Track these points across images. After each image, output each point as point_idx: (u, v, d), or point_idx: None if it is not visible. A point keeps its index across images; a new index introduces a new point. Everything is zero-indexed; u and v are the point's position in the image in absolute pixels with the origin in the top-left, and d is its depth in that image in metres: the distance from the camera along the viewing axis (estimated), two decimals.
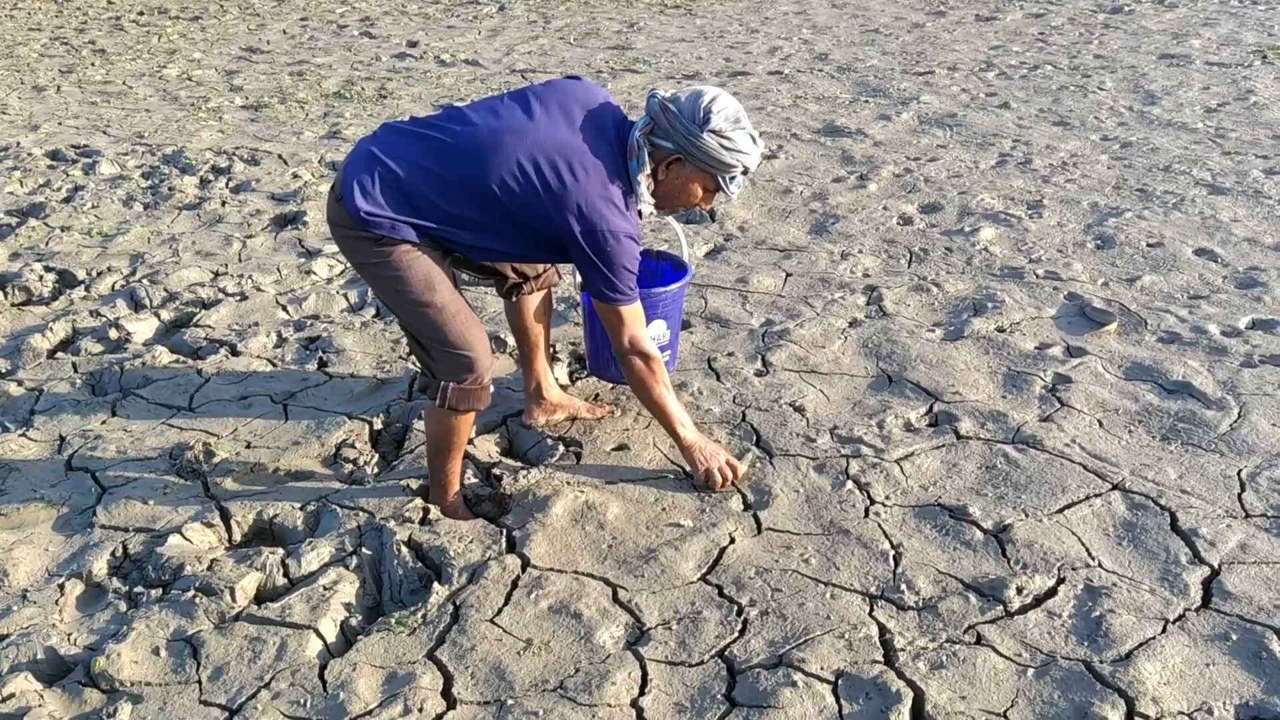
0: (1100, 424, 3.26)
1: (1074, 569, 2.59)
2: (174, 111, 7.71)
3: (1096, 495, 2.89)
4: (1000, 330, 3.93)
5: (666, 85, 8.41)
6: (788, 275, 4.53)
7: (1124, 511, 2.83)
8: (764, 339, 3.91)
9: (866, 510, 2.86)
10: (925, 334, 3.92)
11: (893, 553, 2.68)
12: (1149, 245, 4.72)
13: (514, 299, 3.11)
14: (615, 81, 8.54)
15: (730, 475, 2.91)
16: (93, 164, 6.24)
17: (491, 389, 2.78)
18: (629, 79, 8.66)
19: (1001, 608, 2.47)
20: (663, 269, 3.52)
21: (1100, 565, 2.61)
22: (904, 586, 2.54)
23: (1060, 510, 2.83)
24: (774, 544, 2.73)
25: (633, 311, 2.70)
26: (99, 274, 4.57)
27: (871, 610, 2.47)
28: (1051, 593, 2.52)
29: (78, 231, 5.16)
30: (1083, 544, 2.69)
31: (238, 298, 4.34)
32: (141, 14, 12.44)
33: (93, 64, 9.49)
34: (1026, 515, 2.81)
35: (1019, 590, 2.51)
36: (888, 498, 2.91)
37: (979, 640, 2.37)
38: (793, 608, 2.48)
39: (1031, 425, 3.24)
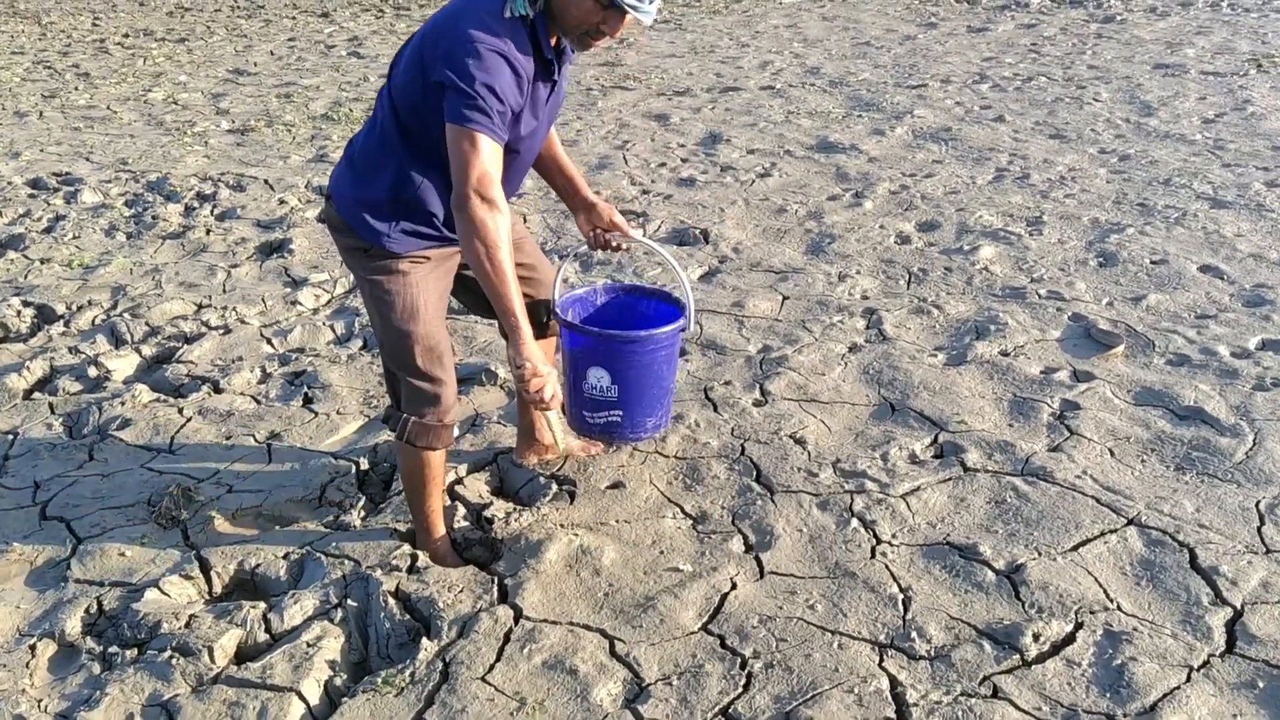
0: (1111, 453, 3.16)
1: (1092, 612, 2.48)
2: (159, 136, 7.60)
3: (1111, 531, 2.79)
4: (1004, 354, 3.82)
5: (657, 101, 8.32)
6: (784, 298, 4.43)
7: (1141, 548, 2.72)
8: (762, 366, 3.81)
9: (873, 550, 2.75)
10: (927, 359, 3.81)
11: (902, 597, 2.56)
12: (1153, 262, 4.63)
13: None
14: (606, 99, 8.45)
15: (547, 402, 2.43)
16: (75, 192, 6.13)
17: (455, 430, 2.68)
18: (619, 96, 8.58)
19: (1018, 656, 2.35)
20: (658, 310, 2.97)
21: (1119, 608, 2.50)
22: (915, 634, 2.43)
23: (1074, 548, 2.72)
24: (777, 589, 2.61)
25: (489, 146, 2.22)
26: (79, 308, 4.46)
27: (881, 661, 2.36)
28: (1070, 639, 2.40)
29: (58, 263, 5.05)
30: (1099, 584, 2.58)
31: (221, 331, 4.22)
32: (127, 36, 12.35)
33: (76, 88, 9.39)
34: (1039, 553, 2.70)
35: (1036, 637, 2.40)
36: (894, 536, 2.80)
37: (995, 693, 2.25)
38: (799, 659, 2.37)
39: (1041, 456, 3.14)
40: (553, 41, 2.35)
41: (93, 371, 3.86)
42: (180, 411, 3.57)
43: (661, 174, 6.36)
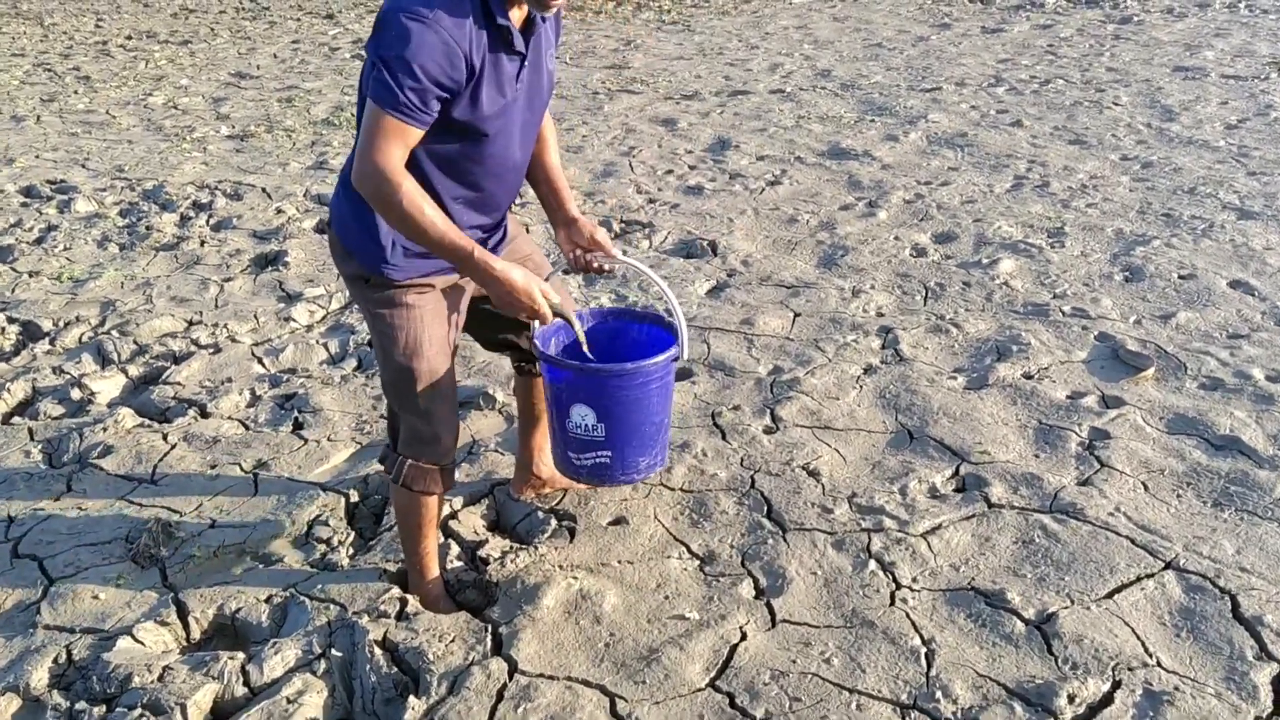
0: (1145, 487, 2.98)
1: (1130, 669, 2.30)
2: (157, 143, 7.46)
3: (1148, 575, 2.61)
4: (1027, 377, 3.64)
5: (665, 105, 8.15)
6: (796, 315, 4.26)
7: (1180, 595, 2.54)
8: (772, 389, 3.64)
9: (892, 596, 2.57)
10: (946, 382, 3.63)
11: (924, 650, 2.39)
12: (1180, 277, 4.44)
13: (526, 374, 2.81)
14: (612, 103, 8.28)
15: (543, 312, 2.25)
16: (68, 201, 5.98)
17: (453, 473, 2.52)
18: (626, 100, 8.41)
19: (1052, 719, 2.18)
20: (652, 335, 2.67)
21: (1159, 664, 2.32)
22: (939, 693, 2.26)
23: (1109, 594, 2.55)
24: (790, 639, 2.44)
25: (393, 125, 2.03)
26: (66, 324, 4.31)
27: None
28: (1107, 700, 2.23)
29: (47, 276, 4.90)
30: (1137, 636, 2.40)
31: (211, 349, 4.06)
32: (130, 38, 12.22)
33: (76, 91, 9.25)
34: (1072, 601, 2.52)
35: (1071, 698, 2.22)
36: (915, 580, 2.63)
37: None
38: None
39: (1070, 491, 2.96)
40: (520, 11, 2.14)
41: (76, 394, 3.70)
42: (164, 438, 3.41)
43: (668, 182, 6.19)
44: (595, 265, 2.49)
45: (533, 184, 2.55)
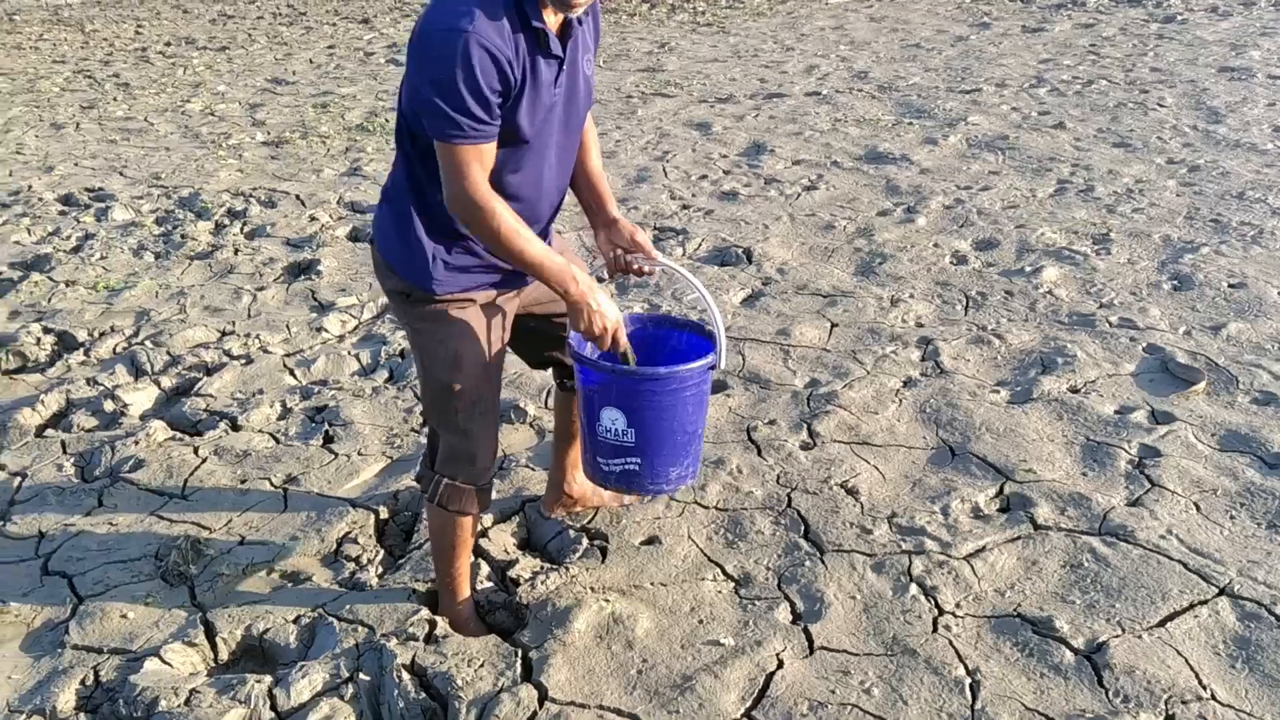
0: (1197, 508, 2.87)
1: (1184, 702, 2.21)
2: (194, 150, 7.50)
3: (1202, 602, 2.50)
4: (1073, 390, 3.54)
5: (699, 109, 8.08)
6: (833, 325, 4.17)
7: (1234, 623, 2.44)
8: (809, 403, 3.56)
9: (935, 622, 2.49)
10: (989, 395, 3.54)
11: (969, 680, 2.30)
12: (1231, 286, 4.30)
13: (569, 390, 2.74)
14: (646, 107, 8.22)
15: (609, 343, 2.27)
16: (105, 209, 6.02)
17: (489, 494, 2.46)
18: (660, 104, 8.35)
19: None
20: (692, 344, 2.58)
21: (1214, 697, 2.22)
22: None
23: (1161, 622, 2.45)
24: (829, 667, 2.37)
25: (469, 152, 2.02)
26: (101, 335, 4.31)
27: None
28: None
29: (83, 286, 4.91)
30: (1191, 668, 2.30)
31: (243, 360, 4.05)
32: (169, 44, 12.33)
33: (115, 99, 9.33)
34: (1123, 629, 2.43)
35: None
36: (958, 606, 2.54)
37: None
38: None
39: (1119, 512, 2.86)
40: (554, 15, 2.07)
41: (109, 405, 3.70)
42: (195, 451, 3.39)
43: (703, 187, 6.12)
44: (635, 267, 2.42)
45: (573, 186, 2.47)
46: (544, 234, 2.37)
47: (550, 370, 2.77)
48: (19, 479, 3.28)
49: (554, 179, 2.28)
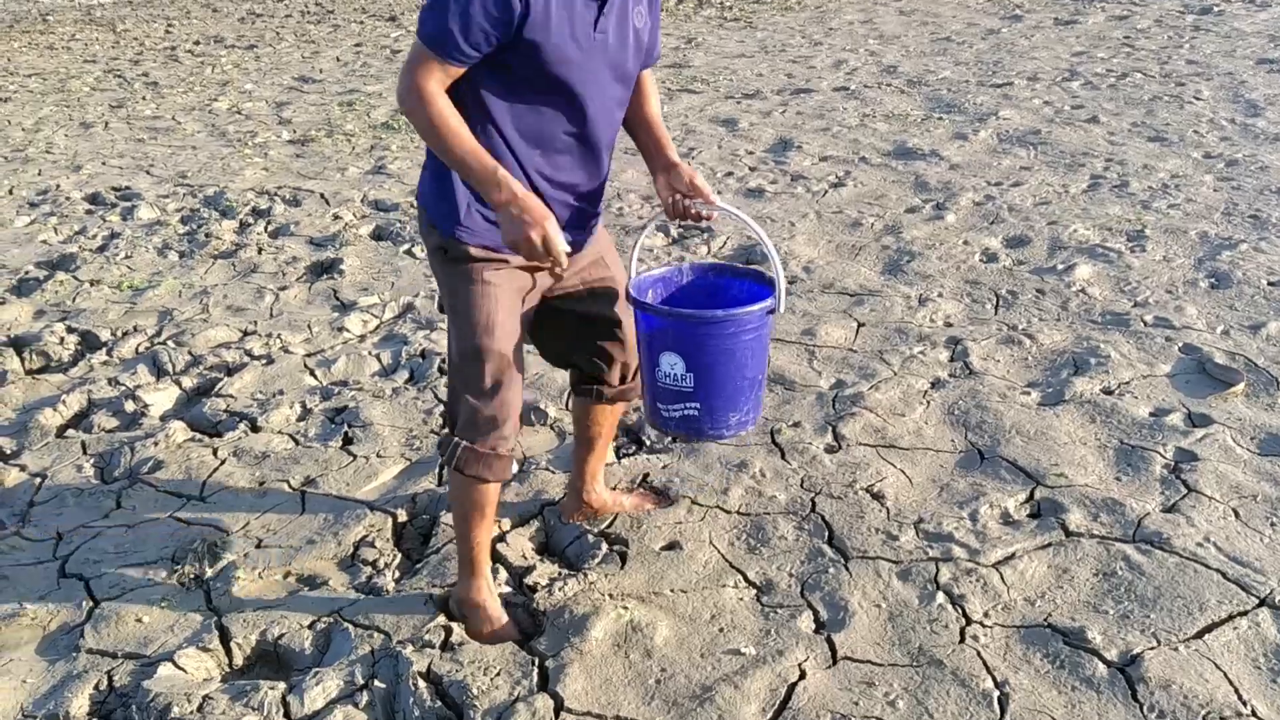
0: (1236, 515, 2.78)
1: (1223, 718, 2.13)
2: (220, 148, 7.52)
3: (1241, 614, 2.42)
4: (1107, 392, 3.45)
5: (725, 105, 8.00)
6: (860, 325, 4.10)
7: (1275, 635, 2.35)
8: (834, 405, 3.49)
9: (962, 633, 2.42)
10: (1019, 397, 3.45)
11: (997, 694, 2.23)
12: (1270, 284, 4.19)
13: (589, 398, 2.69)
14: (671, 103, 8.16)
15: (544, 259, 2.12)
16: (131, 208, 6.04)
17: (512, 463, 2.42)
18: (686, 99, 8.28)
19: None
20: (752, 292, 2.50)
21: (1254, 713, 2.14)
22: None
23: (1199, 634, 2.36)
24: (852, 678, 2.30)
25: (430, 61, 2.02)
26: (123, 334, 4.31)
27: None
28: None
29: (107, 285, 4.92)
30: (1230, 682, 2.22)
31: (264, 360, 4.03)
32: (198, 43, 12.40)
33: (144, 98, 9.39)
34: (1158, 641, 2.35)
35: None
36: (987, 615, 2.47)
37: None
38: None
39: (1154, 519, 2.77)
40: None
41: (130, 406, 3.69)
42: (215, 453, 3.37)
43: (728, 184, 6.05)
44: (694, 212, 2.38)
45: (631, 132, 2.47)
46: (585, 209, 2.36)
47: (569, 372, 2.73)
48: (39, 480, 3.28)
49: (604, 130, 2.26)
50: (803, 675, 2.32)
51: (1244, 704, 2.17)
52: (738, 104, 8.07)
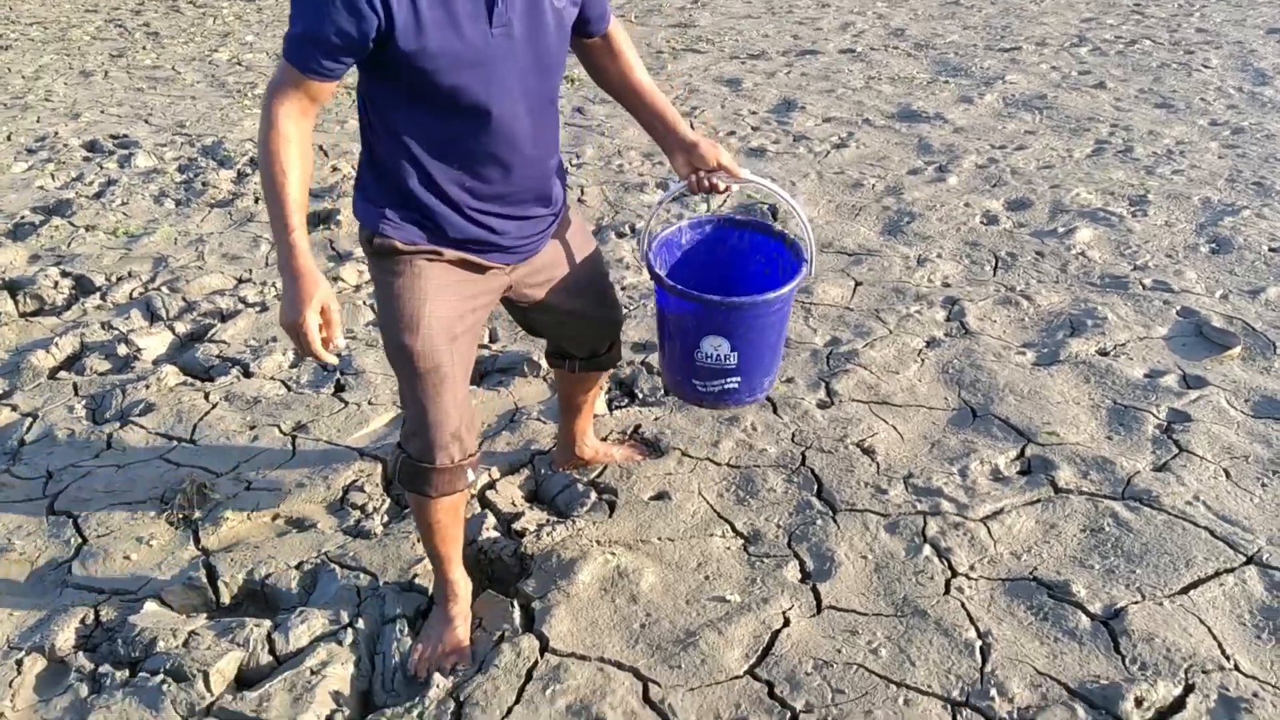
0: (1227, 475, 2.77)
1: (1205, 671, 2.13)
2: (219, 99, 7.46)
3: (1228, 570, 2.41)
4: (1102, 353, 3.43)
5: (730, 65, 7.92)
6: (857, 284, 4.08)
7: (1261, 593, 2.35)
8: (829, 361, 3.47)
9: (947, 584, 2.42)
10: (1014, 357, 3.44)
11: (979, 643, 2.24)
12: (1271, 250, 4.16)
13: (565, 368, 2.61)
14: (676, 62, 8.08)
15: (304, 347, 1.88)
16: (129, 155, 6.00)
17: (462, 476, 2.18)
18: (691, 59, 8.20)
19: None
20: (755, 243, 2.48)
21: (1237, 668, 2.14)
22: (994, 691, 2.11)
23: (1184, 590, 2.36)
24: (836, 627, 2.31)
25: (287, 72, 1.83)
26: (118, 280, 4.30)
27: None
28: (1178, 705, 2.06)
29: (103, 231, 4.90)
30: (1213, 636, 2.22)
31: (258, 308, 4.01)
32: None
33: (144, 47, 9.31)
34: (1143, 595, 2.35)
35: (1139, 702, 2.06)
36: (973, 568, 2.47)
37: None
38: (857, 716, 2.06)
39: (1144, 477, 2.76)
40: None
41: (122, 350, 3.68)
42: (206, 397, 3.37)
43: (730, 144, 6.00)
44: (721, 188, 2.22)
45: (624, 105, 2.26)
46: (542, 194, 2.13)
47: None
48: (30, 420, 3.28)
49: (531, 131, 2.00)
50: (787, 623, 2.32)
51: (1227, 658, 2.17)
52: (742, 64, 7.99)
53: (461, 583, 2.35)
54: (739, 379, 2.36)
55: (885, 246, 4.43)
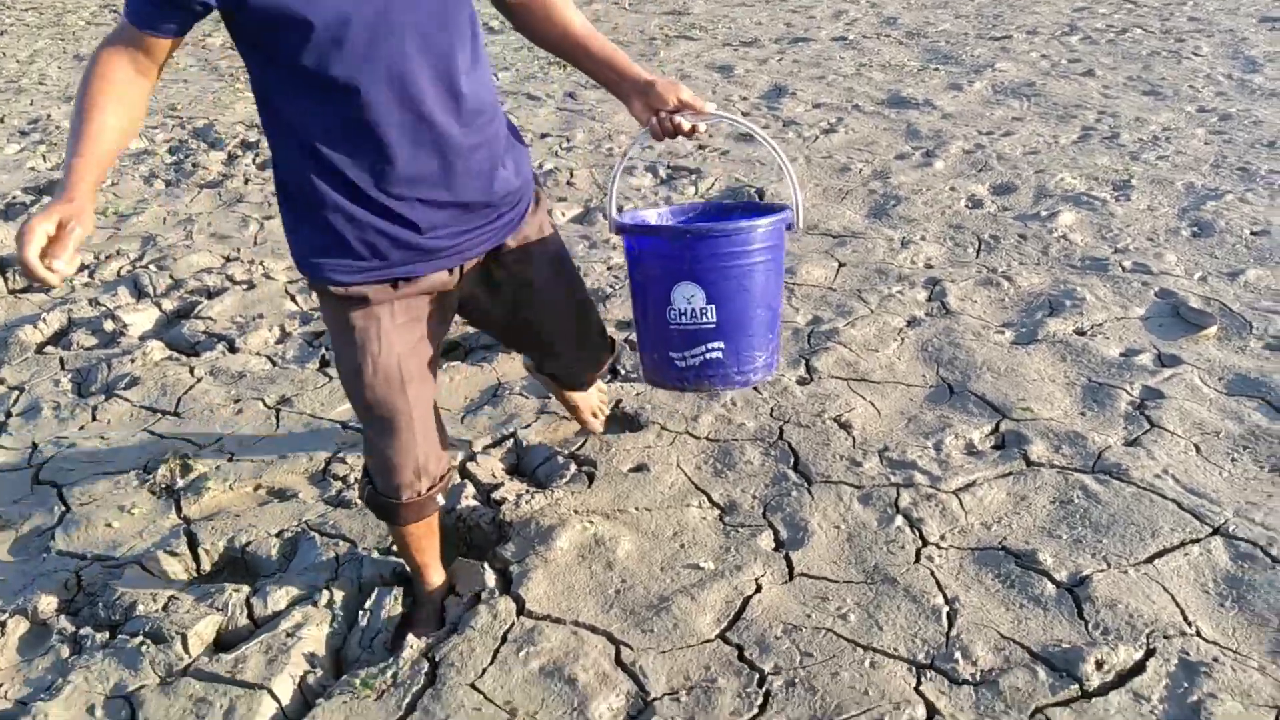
0: (1197, 450, 2.81)
1: (1166, 637, 2.17)
2: (211, 82, 7.47)
3: (1193, 541, 2.45)
4: (1080, 333, 3.46)
5: (722, 52, 7.94)
6: (840, 265, 4.11)
7: (1226, 562, 2.38)
8: (810, 340, 3.51)
9: (918, 553, 2.46)
10: (993, 336, 3.47)
11: (946, 609, 2.27)
12: (1253, 233, 4.19)
13: (556, 381, 2.60)
14: (669, 49, 8.10)
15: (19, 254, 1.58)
16: None
17: (426, 506, 2.14)
18: (683, 45, 8.22)
19: (1076, 686, 2.05)
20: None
21: (1198, 633, 2.18)
22: (959, 654, 2.14)
23: (1149, 559, 2.40)
24: (807, 593, 2.34)
25: (127, 30, 1.72)
26: (106, 258, 4.33)
27: (918, 684, 2.08)
28: (1139, 668, 2.10)
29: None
30: (1177, 604, 2.26)
31: (245, 286, 4.05)
32: None
33: None
34: (1108, 564, 2.38)
35: (1099, 665, 2.09)
36: (943, 538, 2.51)
37: None
38: (824, 678, 2.10)
39: (1115, 451, 2.80)
40: None
41: (109, 325, 3.71)
42: (191, 371, 3.40)
43: (720, 128, 6.03)
44: (686, 128, 1.98)
45: (576, 64, 2.04)
46: (473, 180, 1.90)
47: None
48: (17, 393, 3.31)
49: (431, 112, 1.77)
50: (759, 589, 2.36)
51: (1189, 624, 2.21)
52: (735, 51, 8.01)
53: (441, 588, 2.38)
54: (721, 345, 2.10)
55: (870, 229, 4.46)
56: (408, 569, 2.40)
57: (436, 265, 1.94)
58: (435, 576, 2.37)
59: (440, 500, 2.18)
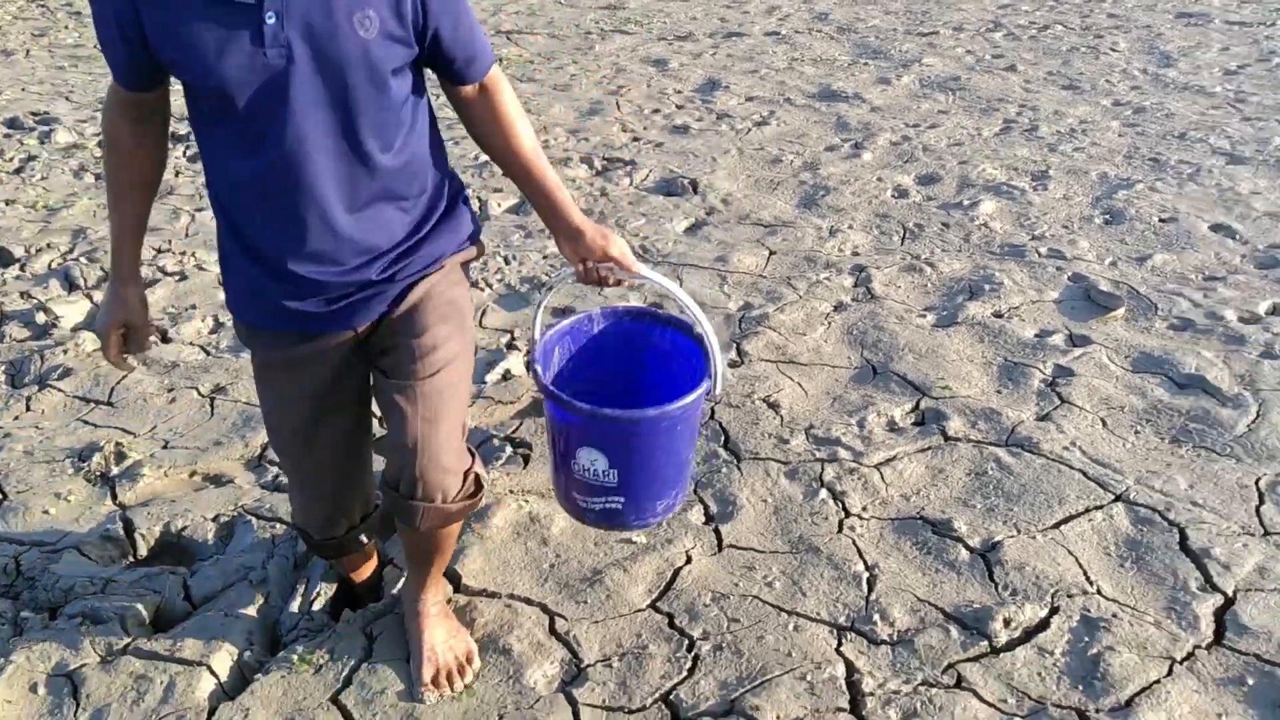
0: (1103, 424, 2.96)
1: (1069, 596, 2.30)
2: None
3: (1097, 508, 2.59)
4: (997, 315, 3.61)
5: (657, 46, 8.03)
6: (771, 253, 4.22)
7: (1127, 527, 2.53)
8: (740, 325, 3.61)
9: (840, 524, 2.57)
10: (915, 319, 3.60)
11: (866, 575, 2.38)
12: (1161, 220, 4.38)
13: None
14: (604, 43, 8.17)
15: (105, 354, 1.96)
16: (49, 132, 5.92)
17: (349, 544, 2.17)
18: (619, 40, 8.29)
19: (986, 643, 2.18)
20: (675, 343, 2.19)
21: (1099, 592, 2.32)
22: (877, 616, 2.26)
23: (1056, 525, 2.54)
24: (735, 564, 2.44)
25: (113, 88, 1.71)
26: (37, 251, 4.28)
27: (839, 645, 2.19)
28: (1043, 625, 2.23)
29: (22, 205, 4.86)
30: (1080, 566, 2.40)
31: (177, 277, 4.04)
32: None
33: (66, 26, 9.14)
34: (1018, 531, 2.51)
35: (1006, 622, 2.22)
36: (865, 509, 2.62)
37: (959, 682, 2.08)
38: (750, 642, 2.20)
39: (1027, 425, 2.94)
40: None
41: (41, 318, 3.69)
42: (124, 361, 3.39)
43: (655, 121, 6.12)
44: (611, 280, 1.95)
45: (515, 182, 1.94)
46: (366, 259, 1.78)
47: None
48: None
49: (333, 184, 1.68)
50: (689, 560, 2.45)
51: (1091, 584, 2.34)
52: (669, 45, 8.10)
53: (375, 574, 2.42)
54: (621, 500, 2.06)
55: (800, 218, 4.58)
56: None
57: (334, 325, 1.85)
58: (367, 575, 2.40)
59: (363, 540, 2.18)
